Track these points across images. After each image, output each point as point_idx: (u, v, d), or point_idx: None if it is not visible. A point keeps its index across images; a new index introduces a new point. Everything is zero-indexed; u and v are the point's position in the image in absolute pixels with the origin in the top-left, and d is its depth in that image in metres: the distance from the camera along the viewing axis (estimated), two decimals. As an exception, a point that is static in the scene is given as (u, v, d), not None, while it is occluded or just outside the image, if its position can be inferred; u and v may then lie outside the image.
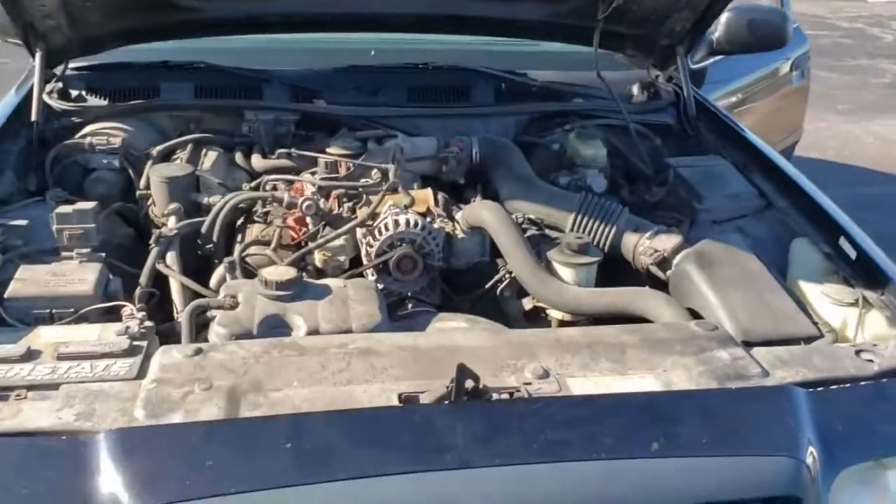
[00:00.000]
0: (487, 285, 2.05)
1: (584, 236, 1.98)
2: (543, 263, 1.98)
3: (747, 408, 1.40)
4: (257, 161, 2.46)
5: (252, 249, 2.01)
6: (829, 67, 9.12)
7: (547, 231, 2.15)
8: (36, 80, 2.44)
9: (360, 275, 1.99)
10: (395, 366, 1.48)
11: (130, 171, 2.41)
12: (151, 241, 1.98)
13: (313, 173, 2.31)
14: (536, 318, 2.03)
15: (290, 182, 2.24)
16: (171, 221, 2.13)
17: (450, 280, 2.12)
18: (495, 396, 1.38)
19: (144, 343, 1.56)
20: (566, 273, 1.94)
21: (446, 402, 1.30)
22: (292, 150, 2.38)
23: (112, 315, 1.75)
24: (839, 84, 8.70)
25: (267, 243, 2.03)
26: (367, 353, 1.51)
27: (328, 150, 2.31)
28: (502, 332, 1.67)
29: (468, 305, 2.07)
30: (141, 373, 1.47)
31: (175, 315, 1.86)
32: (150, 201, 2.27)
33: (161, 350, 1.50)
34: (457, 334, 1.61)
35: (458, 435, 1.26)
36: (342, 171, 2.27)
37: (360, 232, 2.02)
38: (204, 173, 2.33)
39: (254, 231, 2.15)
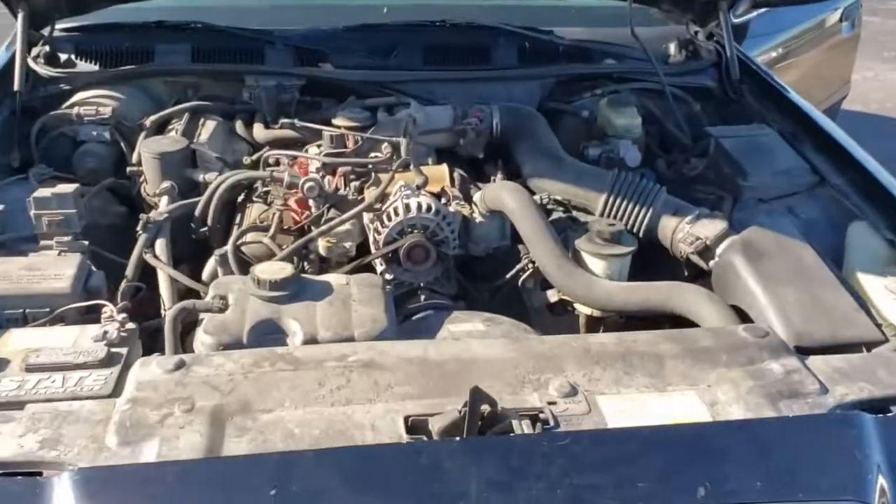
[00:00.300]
0: (508, 275, 1.86)
1: (616, 223, 1.77)
2: (570, 253, 1.78)
3: (808, 441, 1.21)
4: (259, 131, 2.27)
5: (249, 236, 1.82)
6: (872, 11, 8.63)
7: (575, 213, 1.95)
8: (18, 43, 2.25)
9: (368, 264, 1.81)
10: (401, 382, 1.30)
11: (122, 144, 2.23)
12: (139, 228, 1.80)
13: (319, 146, 2.11)
14: (563, 311, 1.84)
15: (293, 157, 2.05)
16: (163, 202, 1.95)
17: (467, 267, 1.93)
18: (514, 422, 1.20)
19: (124, 350, 1.40)
20: (596, 265, 1.74)
21: (457, 439, 1.12)
22: (295, 120, 2.18)
23: (94, 314, 1.59)
24: (884, 29, 8.25)
25: (265, 229, 1.84)
26: (369, 366, 1.33)
27: (334, 121, 2.11)
28: (524, 340, 1.48)
29: (487, 296, 1.88)
30: (117, 388, 1.31)
31: (162, 311, 1.69)
32: (142, 178, 2.09)
33: (139, 363, 1.34)
34: (472, 343, 1.43)
35: (471, 480, 1.08)
36: (350, 145, 2.07)
37: (367, 217, 1.83)
38: (200, 147, 2.14)
39: (253, 212, 1.97)
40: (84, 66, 2.41)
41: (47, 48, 2.38)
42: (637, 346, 1.41)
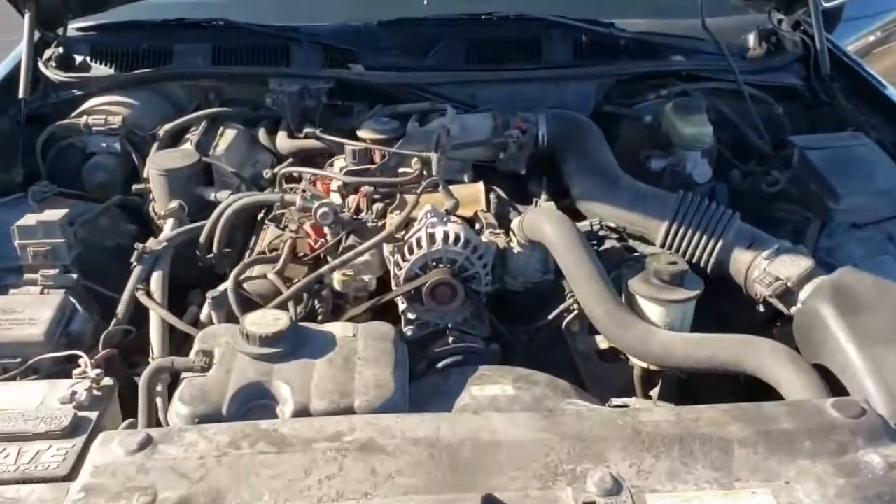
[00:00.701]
0: (550, 316, 1.60)
1: (678, 260, 1.49)
2: (623, 295, 1.52)
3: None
4: (282, 141, 2.06)
5: (256, 269, 1.61)
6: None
7: (631, 242, 1.68)
8: (24, 46, 2.09)
9: (387, 303, 1.58)
10: (404, 471, 1.07)
11: (134, 156, 2.05)
12: (133, 259, 1.61)
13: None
14: (614, 358, 1.58)
15: (314, 175, 1.83)
16: (167, 226, 1.76)
17: (504, 301, 1.68)
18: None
19: (94, 414, 1.21)
20: (653, 311, 1.46)
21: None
22: (318, 130, 1.96)
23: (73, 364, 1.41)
24: None
25: (274, 260, 1.63)
26: (368, 449, 1.10)
27: (358, 132, 1.87)
28: (558, 416, 1.22)
29: (525, 338, 1.63)
30: (76, 467, 1.13)
31: (151, 359, 1.49)
32: (151, 196, 1.91)
33: (99, 440, 1.14)
34: (495, 420, 1.18)
35: None
36: (376, 160, 1.84)
37: (387, 248, 1.59)
38: (214, 161, 1.94)
39: (266, 237, 1.76)
40: (99, 69, 2.24)
41: (61, 50, 2.21)
42: (699, 426, 1.15)
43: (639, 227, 1.66)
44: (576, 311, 1.57)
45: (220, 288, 1.54)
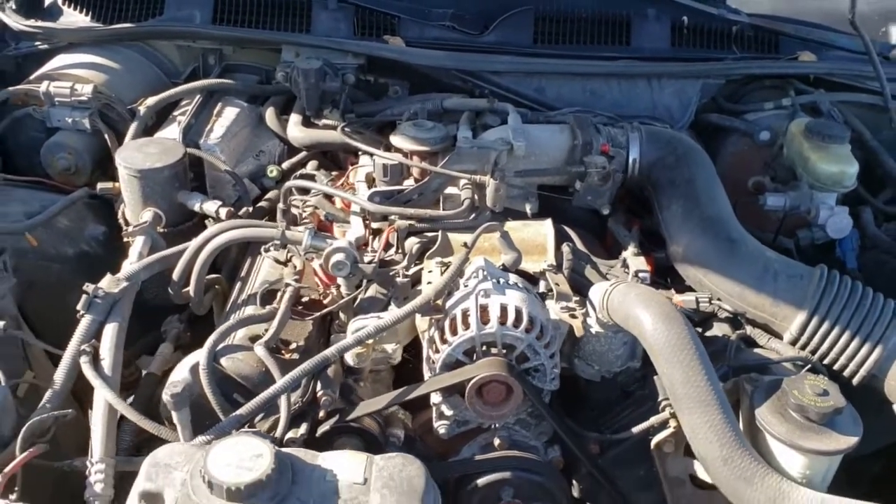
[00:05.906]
0: (635, 429, 1.18)
1: (830, 390, 1.04)
2: (742, 422, 1.09)
3: None
4: (294, 130, 1.63)
5: (240, 333, 1.19)
6: None
7: (750, 331, 1.24)
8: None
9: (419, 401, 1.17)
10: None
11: (108, 136, 1.62)
12: (80, 305, 1.20)
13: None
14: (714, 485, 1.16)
15: (328, 196, 1.40)
16: (134, 251, 1.35)
17: (568, 386, 1.26)
18: None
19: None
20: (791, 460, 1.04)
21: None
22: (341, 124, 1.53)
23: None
24: None
25: (267, 318, 1.20)
26: None
27: (393, 137, 1.43)
28: None
29: (597, 449, 1.22)
30: None
31: (89, 470, 1.09)
32: (120, 198, 1.49)
33: None
34: None
35: None
36: (412, 178, 1.40)
37: (421, 321, 1.17)
38: (206, 154, 1.52)
39: (261, 273, 1.34)
40: (72, 14, 1.78)
41: (27, -13, 1.77)
42: None
43: (764, 314, 1.22)
44: (672, 429, 1.15)
45: (192, 358, 1.13)
